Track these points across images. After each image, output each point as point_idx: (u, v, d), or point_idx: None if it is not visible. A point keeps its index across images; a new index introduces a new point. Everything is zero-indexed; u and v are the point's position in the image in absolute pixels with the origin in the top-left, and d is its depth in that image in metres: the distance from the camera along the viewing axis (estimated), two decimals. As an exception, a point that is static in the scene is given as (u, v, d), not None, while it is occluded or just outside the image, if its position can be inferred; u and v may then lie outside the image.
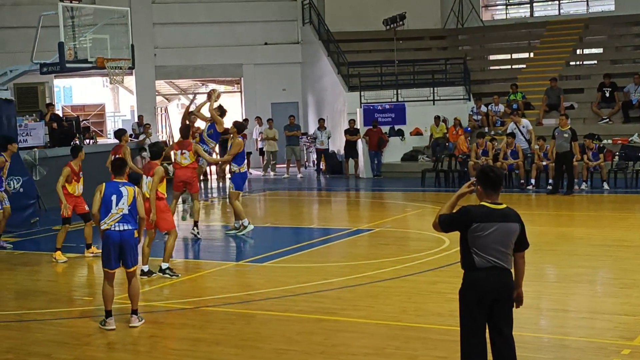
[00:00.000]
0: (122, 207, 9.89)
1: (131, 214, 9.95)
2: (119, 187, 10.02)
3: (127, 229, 9.90)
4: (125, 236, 9.88)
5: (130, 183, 10.31)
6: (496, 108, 28.20)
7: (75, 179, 14.71)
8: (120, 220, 9.88)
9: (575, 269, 12.44)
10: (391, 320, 9.74)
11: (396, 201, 22.66)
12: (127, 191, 9.98)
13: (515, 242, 6.88)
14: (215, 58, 33.63)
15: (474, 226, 6.75)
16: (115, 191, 9.94)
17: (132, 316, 10.04)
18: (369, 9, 33.61)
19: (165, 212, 12.77)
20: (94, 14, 17.75)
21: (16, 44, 28.19)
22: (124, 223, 9.89)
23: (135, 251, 10.14)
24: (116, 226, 9.86)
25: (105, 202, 9.88)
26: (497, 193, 6.93)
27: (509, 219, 6.84)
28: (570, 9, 35.31)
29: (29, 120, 23.66)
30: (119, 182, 10.15)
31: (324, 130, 29.69)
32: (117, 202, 9.88)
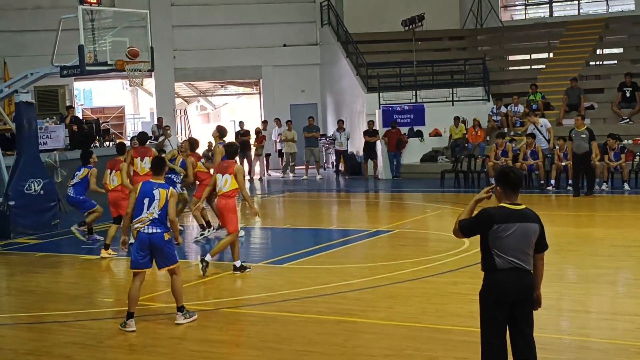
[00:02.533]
0: (153, 212, 9.98)
1: (161, 218, 10.01)
2: (153, 189, 10.09)
3: (156, 232, 9.97)
4: (154, 239, 9.98)
5: (165, 184, 10.33)
6: (515, 108, 28.08)
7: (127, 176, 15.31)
8: (150, 223, 9.98)
9: (596, 270, 12.38)
10: (411, 321, 9.72)
11: (415, 202, 22.62)
12: (159, 194, 10.03)
13: (536, 243, 6.84)
14: (234, 60, 33.71)
15: (494, 228, 6.73)
16: (149, 194, 10.03)
17: (177, 313, 10.18)
18: (387, 10, 33.59)
19: (232, 212, 12.96)
20: (113, 16, 17.80)
21: (37, 47, 28.38)
22: (153, 226, 9.97)
23: (167, 252, 10.12)
24: (146, 229, 9.97)
25: (138, 203, 10.03)
26: (516, 194, 6.91)
27: (528, 220, 6.81)
28: (590, 8, 35.16)
29: (50, 122, 23.76)
30: (154, 183, 10.21)
31: (343, 132, 29.69)
32: (148, 205, 9.99)
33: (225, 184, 12.93)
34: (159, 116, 31.68)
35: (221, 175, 13.00)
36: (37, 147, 19.08)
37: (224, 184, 12.93)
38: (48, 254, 15.91)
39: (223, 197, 13.02)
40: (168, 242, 10.10)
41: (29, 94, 18.90)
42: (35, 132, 18.97)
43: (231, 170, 12.94)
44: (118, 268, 14.75)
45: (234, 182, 12.88)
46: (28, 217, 18.18)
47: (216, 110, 45.88)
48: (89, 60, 16.97)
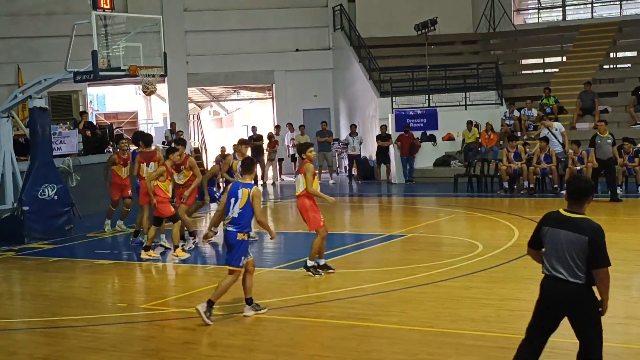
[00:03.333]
0: (234, 211, 10.35)
1: (239, 217, 10.31)
2: (238, 189, 10.45)
3: (231, 231, 10.34)
4: (227, 236, 10.40)
5: (250, 184, 10.58)
6: (529, 112, 28.00)
7: (170, 179, 14.93)
8: (230, 222, 10.38)
9: (610, 274, 12.28)
10: (424, 326, 9.70)
11: (429, 206, 22.57)
12: (241, 194, 10.36)
13: (588, 257, 6.71)
14: (247, 65, 33.76)
15: (543, 230, 6.75)
16: (234, 194, 10.42)
17: (245, 306, 10.55)
18: (400, 14, 33.59)
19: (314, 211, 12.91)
20: (126, 22, 17.82)
21: (50, 53, 28.50)
22: (230, 225, 10.38)
23: (235, 251, 10.34)
24: (228, 226, 10.40)
25: (227, 203, 10.44)
26: (577, 202, 6.88)
27: (576, 229, 6.70)
28: (604, 12, 35.07)
29: (63, 128, 23.87)
30: (240, 183, 10.60)
31: (356, 136, 29.67)
32: (233, 205, 10.38)
33: (298, 185, 12.84)
34: (172, 121, 31.74)
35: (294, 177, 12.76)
36: (50, 152, 19.15)
37: (297, 185, 12.85)
38: (62, 258, 15.96)
39: (299, 197, 12.89)
40: (240, 242, 10.33)
41: (43, 99, 18.98)
42: (49, 137, 19.05)
43: (301, 170, 12.86)
44: (132, 272, 14.77)
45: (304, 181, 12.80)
46: (42, 222, 18.24)
47: (229, 115, 45.92)
48: (102, 66, 17.02)
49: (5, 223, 18.27)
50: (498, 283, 11.80)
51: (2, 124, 18.97)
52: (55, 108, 27.04)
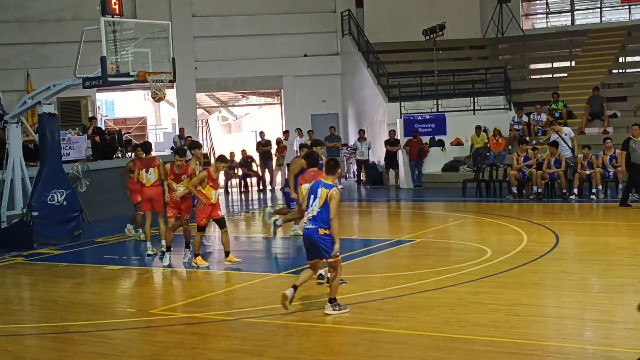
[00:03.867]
0: (313, 209, 10.67)
1: (319, 216, 10.61)
2: (318, 187, 10.76)
3: (312, 228, 10.63)
4: (309, 234, 10.67)
5: (331, 185, 10.84)
6: (538, 117, 27.95)
7: (212, 185, 14.57)
8: (310, 220, 10.68)
9: (620, 279, 12.27)
10: (433, 331, 9.67)
11: (437, 212, 22.55)
12: (321, 193, 10.67)
13: None
14: (255, 70, 33.82)
15: None
16: (314, 192, 10.76)
17: (327, 304, 10.70)
18: (408, 19, 33.62)
19: None
20: (135, 28, 17.85)
21: (59, 58, 28.62)
22: (310, 222, 10.67)
23: (319, 247, 10.58)
24: (307, 224, 10.72)
25: (308, 200, 10.81)
26: None
27: None
28: (612, 16, 35.04)
29: (72, 133, 23.94)
30: (321, 182, 10.88)
31: (364, 141, 29.68)
32: (311, 203, 10.73)
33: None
34: (181, 127, 31.80)
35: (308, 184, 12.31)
36: (60, 158, 19.21)
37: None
38: (71, 264, 15.98)
39: None
40: (322, 237, 10.60)
41: (52, 105, 19.05)
42: (58, 143, 19.10)
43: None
44: (141, 277, 14.79)
45: None
46: (51, 227, 18.28)
47: (237, 121, 45.99)
48: (111, 72, 17.05)
49: (14, 228, 18.32)
50: (507, 288, 11.77)
51: (11, 130, 19.02)
52: (64, 114, 27.16)
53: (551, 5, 36.38)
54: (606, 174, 22.20)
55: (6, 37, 31.08)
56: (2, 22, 31.23)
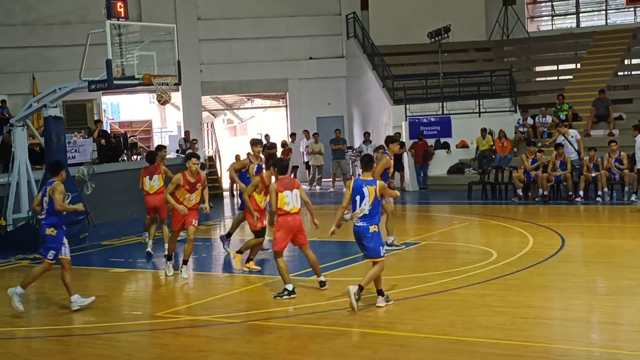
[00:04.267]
0: (364, 208, 11.01)
1: (370, 213, 11.00)
2: (363, 186, 11.07)
3: (362, 225, 11.06)
4: (359, 231, 11.11)
5: (373, 181, 11.17)
6: (543, 119, 27.93)
7: (265, 192, 14.01)
8: (361, 218, 11.03)
9: (626, 281, 12.25)
10: (439, 333, 9.67)
11: (443, 214, 22.53)
12: (368, 191, 11.01)
13: None
14: (260, 73, 33.84)
15: None
16: (359, 191, 11.06)
17: (378, 297, 11.09)
18: (413, 22, 33.63)
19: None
20: (140, 31, 17.88)
21: (65, 62, 28.64)
22: (362, 220, 11.04)
23: (370, 243, 11.03)
24: (358, 222, 11.08)
25: (352, 200, 11.09)
26: None
27: None
28: (618, 18, 35.02)
29: (78, 137, 23.97)
30: (363, 181, 11.16)
31: (370, 144, 29.66)
32: (360, 202, 11.04)
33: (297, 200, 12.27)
34: (186, 130, 31.83)
35: (290, 192, 12.19)
36: (65, 161, 19.20)
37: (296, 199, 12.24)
38: (76, 267, 15.96)
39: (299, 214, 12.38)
40: (373, 234, 11.01)
41: (58, 108, 19.09)
42: (63, 146, 19.14)
43: (297, 185, 12.41)
44: (147, 280, 14.80)
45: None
46: (57, 230, 18.24)
47: (243, 124, 45.99)
48: (117, 75, 17.08)
49: (20, 231, 18.32)
50: (513, 290, 11.76)
51: (17, 133, 19.06)
52: (70, 117, 27.17)
53: (556, 7, 36.37)
54: (612, 176, 22.16)
55: (12, 41, 31.14)
56: (8, 25, 31.30)
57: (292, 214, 12.13)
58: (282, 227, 12.08)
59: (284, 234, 12.13)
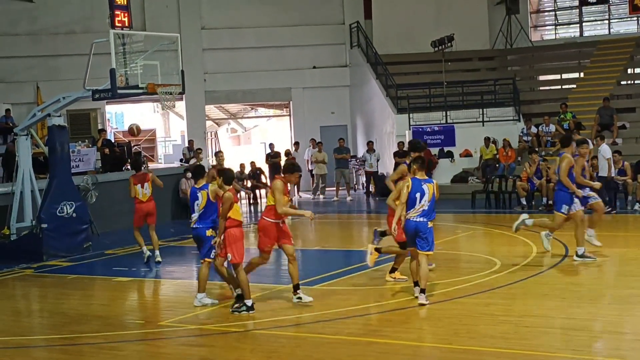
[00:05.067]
0: (424, 204, 11.71)
1: (429, 209, 11.75)
2: (422, 184, 11.79)
3: (422, 221, 11.74)
4: (419, 226, 11.74)
5: (430, 179, 11.97)
6: (547, 128, 27.93)
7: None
8: (420, 214, 11.70)
9: (630, 290, 12.24)
10: (443, 342, 9.66)
11: (446, 223, 22.48)
12: (428, 189, 11.77)
13: None
14: (264, 82, 33.89)
15: None
16: (419, 189, 11.74)
17: (420, 295, 11.60)
18: (416, 31, 33.66)
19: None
20: (144, 40, 17.92)
21: (69, 71, 28.71)
22: (421, 216, 11.71)
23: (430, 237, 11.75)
24: (416, 217, 11.73)
25: (411, 197, 11.74)
26: None
27: None
28: (621, 28, 35.03)
29: (82, 146, 24.01)
30: (421, 180, 11.87)
31: (373, 153, 29.68)
32: (420, 199, 11.72)
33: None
34: (190, 139, 31.86)
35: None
36: (69, 170, 19.29)
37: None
38: (80, 276, 16.01)
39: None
40: (430, 229, 11.78)
41: (62, 117, 19.11)
42: (67, 155, 19.18)
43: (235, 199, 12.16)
44: (150, 289, 14.81)
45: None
46: (60, 239, 18.32)
47: (247, 133, 46.06)
48: (121, 84, 17.12)
49: (24, 240, 18.35)
50: (516, 299, 11.76)
51: (21, 142, 19.09)
52: (73, 126, 27.26)
53: (560, 16, 36.39)
54: (615, 185, 22.14)
55: (17, 50, 31.23)
56: (13, 35, 31.39)
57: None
58: (240, 239, 11.98)
59: (243, 246, 12.08)
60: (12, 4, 30.34)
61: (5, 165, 22.83)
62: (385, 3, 34.73)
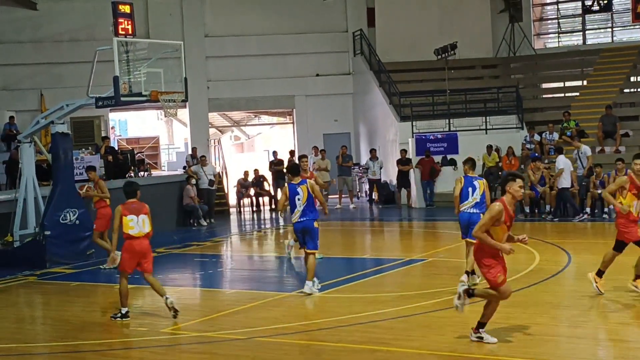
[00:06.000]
0: (475, 197, 13.54)
1: (480, 202, 13.50)
2: (474, 181, 13.68)
3: (475, 212, 13.43)
4: (472, 218, 13.28)
5: (480, 177, 14.08)
6: (550, 136, 27.92)
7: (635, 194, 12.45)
8: (472, 206, 13.55)
9: (633, 299, 12.22)
10: (445, 350, 9.66)
11: (449, 231, 22.47)
12: (479, 184, 13.63)
13: None
14: (267, 90, 33.92)
15: None
16: (471, 185, 13.62)
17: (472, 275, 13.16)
18: (419, 39, 33.68)
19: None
20: (148, 48, 17.96)
21: (73, 78, 28.74)
22: (474, 208, 13.53)
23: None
24: (470, 209, 13.56)
25: (464, 191, 13.63)
26: None
27: None
28: (624, 36, 35.02)
29: (85, 153, 24.03)
30: (470, 178, 13.75)
31: (376, 161, 29.69)
32: (472, 193, 13.56)
33: (144, 225, 12.21)
34: (193, 146, 31.87)
35: (136, 217, 12.15)
36: (72, 177, 19.30)
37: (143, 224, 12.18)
38: (83, 283, 16.02)
39: (146, 238, 12.28)
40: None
41: (65, 124, 19.15)
42: (71, 162, 19.21)
43: (145, 210, 12.29)
44: (153, 296, 14.81)
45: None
46: (63, 246, 18.35)
47: (250, 140, 46.11)
48: (124, 91, 17.14)
49: (27, 247, 18.38)
50: (519, 307, 11.74)
51: (24, 150, 19.12)
52: (77, 133, 27.30)
53: (563, 24, 36.40)
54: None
55: (21, 58, 31.32)
56: (17, 42, 31.47)
57: (137, 238, 12.13)
58: (127, 251, 12.18)
59: (129, 257, 12.20)
60: (16, 11, 30.39)
61: (9, 172, 22.88)
62: (388, 11, 34.77)
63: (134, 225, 12.08)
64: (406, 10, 34.58)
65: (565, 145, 26.37)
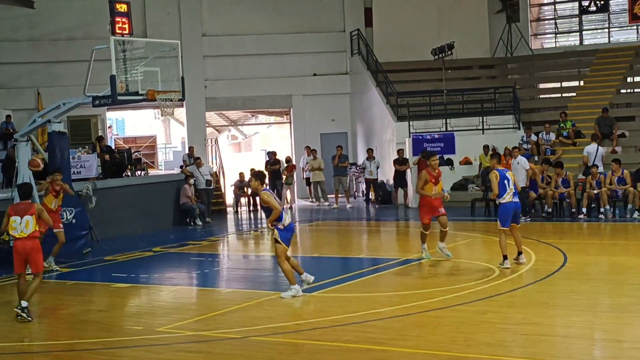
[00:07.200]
0: (512, 187, 14.83)
1: (515, 191, 14.91)
2: (506, 173, 15.02)
3: (517, 201, 15.06)
4: (517, 205, 15.08)
5: (507, 169, 15.67)
6: (547, 136, 27.95)
7: None
8: (513, 195, 14.86)
9: (628, 299, 12.24)
10: (440, 350, 9.66)
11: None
12: (510, 176, 14.97)
13: None
14: (264, 89, 33.94)
15: None
16: (505, 178, 14.89)
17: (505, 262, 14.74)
18: (417, 39, 33.71)
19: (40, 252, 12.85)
20: (145, 47, 17.93)
21: (70, 77, 28.76)
22: (514, 196, 14.90)
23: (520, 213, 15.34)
24: (513, 198, 14.88)
25: (501, 184, 14.80)
26: None
27: None
28: (620, 37, 35.09)
29: (82, 152, 24.02)
30: (502, 171, 15.06)
31: (373, 160, 29.70)
32: (508, 184, 14.80)
33: (27, 226, 12.49)
34: (190, 145, 31.89)
35: (20, 218, 12.47)
36: (69, 176, 19.29)
37: (26, 225, 12.48)
38: (79, 282, 16.02)
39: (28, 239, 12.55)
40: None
41: (62, 123, 19.14)
42: (67, 161, 19.21)
43: (32, 211, 12.56)
44: (149, 295, 14.81)
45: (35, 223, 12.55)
46: (60, 245, 18.30)
47: (247, 140, 46.14)
48: (121, 90, 17.12)
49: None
50: (514, 307, 11.76)
51: (21, 148, 19.08)
52: (74, 132, 27.29)
53: (560, 25, 36.45)
54: (614, 193, 22.19)
55: (18, 56, 31.32)
56: (14, 41, 31.46)
57: (19, 239, 12.50)
58: (14, 251, 12.57)
59: (15, 258, 12.60)
60: (13, 10, 30.38)
61: (5, 171, 22.86)
62: (386, 11, 34.80)
63: (16, 226, 12.50)
64: (403, 10, 34.63)
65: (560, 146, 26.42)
